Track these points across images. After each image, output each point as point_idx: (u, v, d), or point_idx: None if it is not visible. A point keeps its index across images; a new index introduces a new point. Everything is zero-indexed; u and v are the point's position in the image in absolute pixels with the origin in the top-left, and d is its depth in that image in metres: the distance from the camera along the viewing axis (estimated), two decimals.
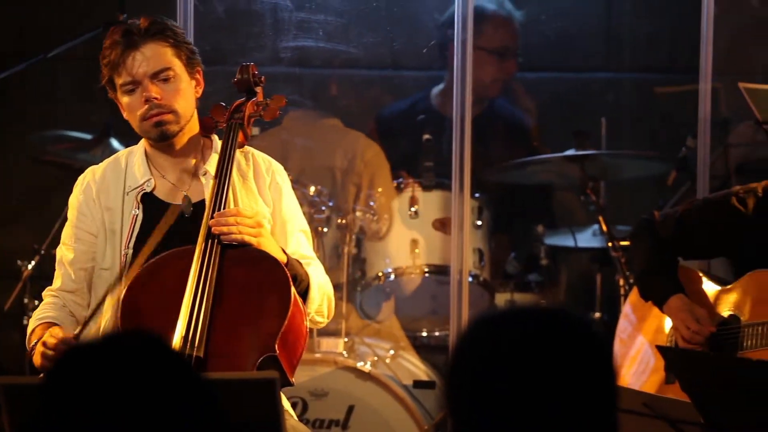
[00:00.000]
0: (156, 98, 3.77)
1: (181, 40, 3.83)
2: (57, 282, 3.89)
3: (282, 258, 3.73)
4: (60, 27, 5.91)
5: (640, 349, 4.43)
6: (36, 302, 5.55)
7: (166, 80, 3.79)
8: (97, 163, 3.97)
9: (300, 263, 3.79)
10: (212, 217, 3.69)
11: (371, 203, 5.63)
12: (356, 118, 6.01)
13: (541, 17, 6.26)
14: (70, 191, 3.97)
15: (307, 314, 3.77)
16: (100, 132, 5.90)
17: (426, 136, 5.76)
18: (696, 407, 3.38)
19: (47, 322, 3.78)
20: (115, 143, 5.78)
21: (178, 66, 3.81)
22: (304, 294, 3.77)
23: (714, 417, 3.36)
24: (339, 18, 5.61)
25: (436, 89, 6.04)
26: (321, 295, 3.82)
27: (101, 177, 3.89)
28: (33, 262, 5.51)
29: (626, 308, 4.51)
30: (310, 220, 5.42)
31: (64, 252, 3.89)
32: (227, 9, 5.52)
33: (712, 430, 3.38)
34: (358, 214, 5.61)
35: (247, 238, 3.69)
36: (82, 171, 3.97)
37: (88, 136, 5.99)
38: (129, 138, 3.99)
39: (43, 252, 5.49)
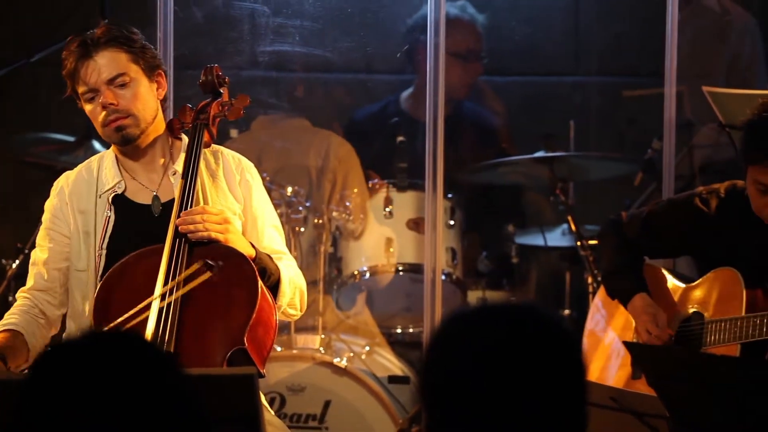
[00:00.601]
0: (112, 104, 3.75)
1: (137, 46, 3.80)
2: (30, 282, 3.87)
3: (250, 252, 3.73)
4: (42, 32, 5.90)
5: (609, 343, 4.44)
6: None
7: (122, 85, 3.77)
8: (78, 164, 3.96)
9: (270, 257, 3.79)
10: (179, 216, 3.69)
11: (347, 203, 5.64)
12: (331, 120, 6.01)
13: (511, 23, 6.28)
14: None
15: (279, 307, 3.77)
16: (81, 134, 5.89)
17: (399, 138, 5.77)
18: (661, 401, 3.40)
19: (8, 329, 3.75)
20: (96, 145, 5.77)
21: (134, 70, 3.78)
22: (275, 287, 3.77)
23: (679, 410, 3.38)
24: (314, 23, 5.61)
25: (405, 93, 6.05)
26: (292, 288, 3.82)
27: (74, 181, 3.88)
28: (17, 261, 5.50)
29: (597, 303, 4.52)
30: (288, 220, 5.42)
31: (37, 253, 3.89)
32: (206, 15, 5.52)
33: (677, 422, 3.40)
34: (334, 214, 5.61)
35: (213, 235, 3.68)
36: (64, 172, 3.97)
37: (70, 138, 5.98)
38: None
39: (27, 251, 5.47)
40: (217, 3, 5.57)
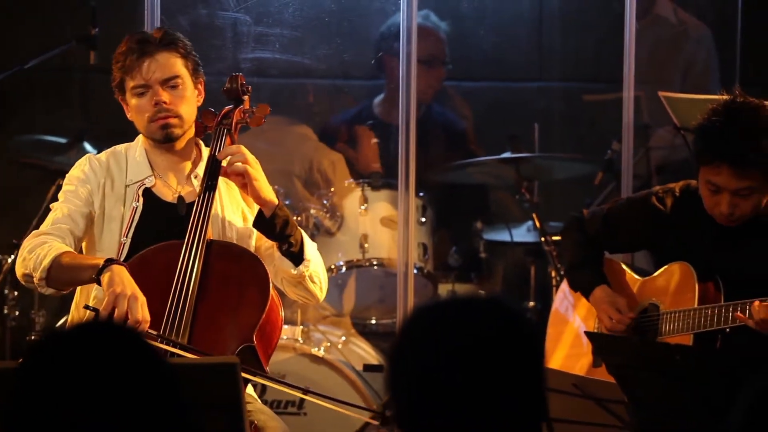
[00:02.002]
0: (165, 102, 3.78)
1: (189, 51, 3.86)
2: (56, 219, 3.75)
3: (275, 200, 3.74)
4: (36, 40, 5.87)
5: (573, 332, 4.45)
6: (15, 293, 5.51)
7: (174, 87, 3.80)
8: (71, 165, 3.94)
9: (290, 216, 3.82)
10: (198, 217, 3.69)
11: (324, 201, 5.63)
12: (312, 124, 6.00)
13: (479, 32, 6.28)
14: (47, 190, 3.91)
15: (306, 264, 3.76)
16: (73, 137, 5.87)
17: (374, 140, 5.76)
18: (620, 387, 3.40)
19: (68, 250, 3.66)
20: (88, 147, 5.75)
21: (185, 75, 3.82)
22: (300, 249, 3.76)
23: (636, 396, 3.38)
24: (294, 32, 5.60)
25: (377, 99, 6.04)
26: (317, 254, 3.84)
27: (106, 166, 3.86)
28: (13, 256, 5.47)
29: (564, 290, 4.52)
30: None
31: (66, 203, 3.78)
32: (191, 23, 5.50)
33: (635, 407, 3.40)
34: (312, 211, 5.61)
35: (249, 170, 3.72)
36: (58, 172, 3.94)
37: (63, 140, 5.96)
38: (101, 142, 3.98)
39: None
40: (201, 12, 5.55)
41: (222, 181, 3.85)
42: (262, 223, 3.76)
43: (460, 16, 6.16)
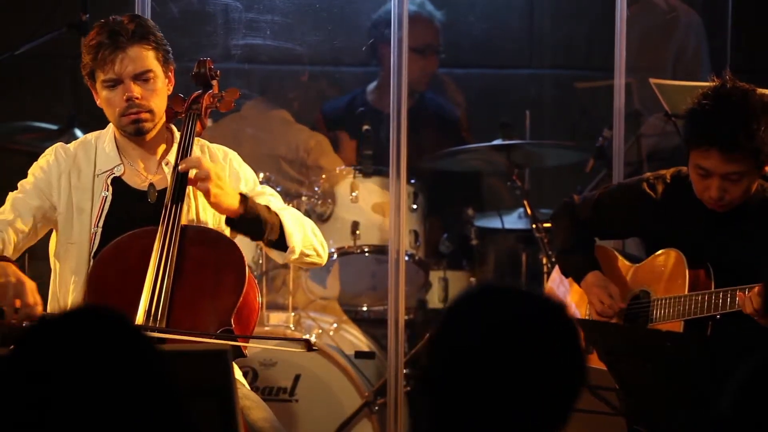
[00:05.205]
0: (137, 98, 3.76)
1: (161, 43, 3.82)
2: (2, 210, 3.78)
3: (236, 208, 3.68)
4: (26, 26, 5.85)
5: None
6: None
7: (146, 81, 3.77)
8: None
9: (266, 207, 3.77)
10: (172, 202, 3.68)
11: (316, 188, 5.63)
12: (302, 111, 6.00)
13: (470, 18, 6.28)
14: None
15: (292, 251, 3.75)
16: (64, 123, 5.87)
17: (365, 127, 5.76)
18: (611, 374, 3.41)
19: None
20: (78, 133, 5.74)
21: (157, 67, 3.79)
22: (280, 235, 3.75)
23: (627, 382, 3.39)
24: (285, 18, 5.60)
25: (371, 86, 6.04)
26: (300, 228, 3.80)
27: (73, 157, 3.85)
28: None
29: (557, 280, 4.51)
30: None
31: (20, 193, 3.80)
32: (182, 10, 5.49)
33: (626, 394, 3.41)
34: (303, 198, 5.60)
35: (210, 186, 3.65)
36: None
37: (53, 127, 5.95)
38: (91, 128, 3.97)
39: None
40: None
41: None
42: (232, 225, 3.77)
43: (450, 3, 6.16)
